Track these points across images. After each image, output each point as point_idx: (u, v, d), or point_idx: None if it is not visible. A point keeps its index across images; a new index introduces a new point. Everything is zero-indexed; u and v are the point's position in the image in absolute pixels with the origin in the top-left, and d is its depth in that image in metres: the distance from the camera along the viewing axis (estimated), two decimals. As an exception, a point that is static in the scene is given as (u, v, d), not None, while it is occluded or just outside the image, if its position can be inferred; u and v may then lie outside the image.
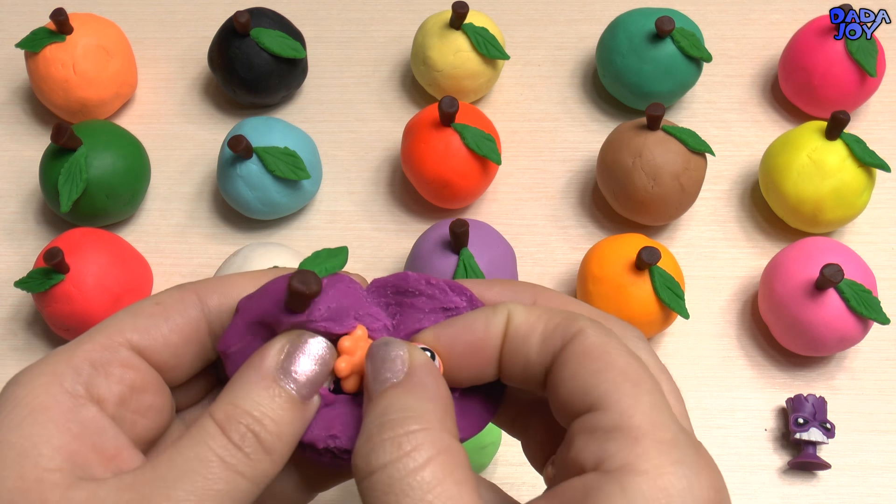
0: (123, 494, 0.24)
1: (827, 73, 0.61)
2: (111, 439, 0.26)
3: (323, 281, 0.29)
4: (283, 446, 0.27)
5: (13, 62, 0.69)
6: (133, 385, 0.28)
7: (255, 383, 0.27)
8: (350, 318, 0.29)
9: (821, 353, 0.55)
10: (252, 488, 0.26)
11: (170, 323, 0.29)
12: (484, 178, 0.59)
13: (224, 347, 0.29)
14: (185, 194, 0.64)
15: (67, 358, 0.27)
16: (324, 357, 0.28)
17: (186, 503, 0.24)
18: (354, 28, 0.70)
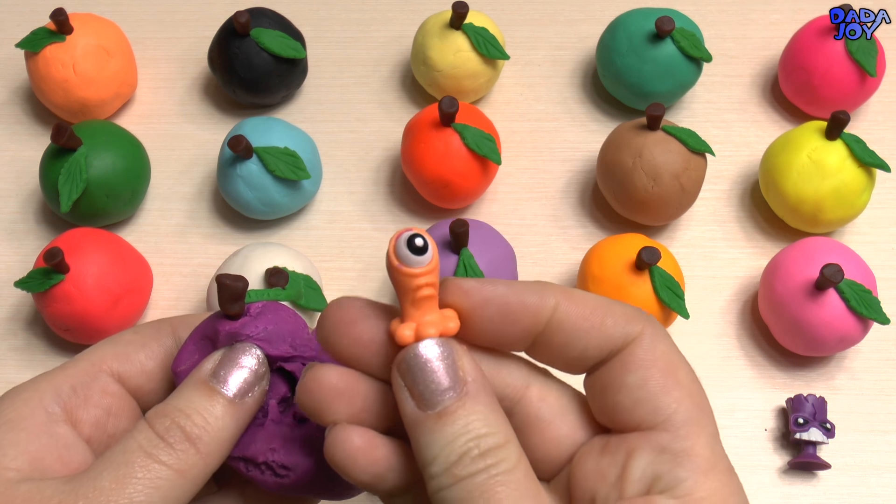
0: (61, 487, 0.26)
1: (827, 73, 0.61)
2: (78, 454, 0.28)
3: (263, 304, 0.30)
4: (212, 440, 0.27)
5: (13, 62, 0.69)
6: (109, 409, 0.30)
7: (188, 386, 0.28)
8: (286, 344, 0.30)
9: (821, 353, 0.55)
10: (178, 480, 0.27)
11: (146, 350, 0.31)
12: (484, 178, 0.59)
13: (175, 367, 0.30)
14: (185, 194, 0.64)
15: (50, 379, 0.29)
16: (255, 363, 0.29)
17: (109, 491, 0.26)
18: (354, 28, 0.70)
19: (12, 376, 0.58)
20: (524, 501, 0.24)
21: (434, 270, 0.26)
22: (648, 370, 0.27)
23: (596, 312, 0.27)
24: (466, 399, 0.25)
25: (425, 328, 0.26)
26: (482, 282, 0.27)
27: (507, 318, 0.27)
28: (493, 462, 0.25)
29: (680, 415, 0.26)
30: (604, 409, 0.28)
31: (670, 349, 0.27)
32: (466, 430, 0.25)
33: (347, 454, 0.27)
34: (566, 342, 0.27)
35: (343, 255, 0.61)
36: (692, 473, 0.25)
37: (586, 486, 0.27)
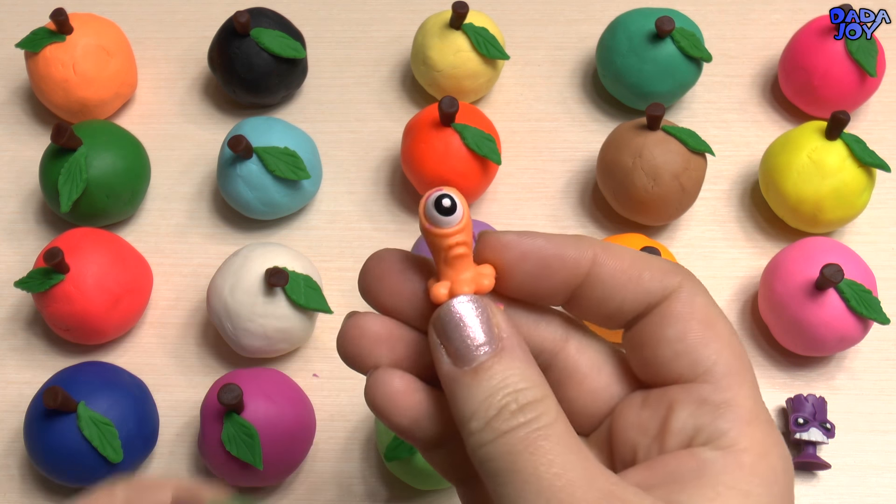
0: None
1: (827, 73, 0.61)
2: None
3: None
4: None
5: (13, 62, 0.69)
6: None
7: None
8: None
9: (821, 353, 0.55)
10: None
11: None
12: (484, 178, 0.59)
13: None
14: (185, 194, 0.64)
15: None
16: None
17: None
18: (354, 28, 0.70)
19: (12, 376, 0.58)
20: (568, 455, 0.24)
21: (465, 229, 0.26)
22: (687, 323, 0.27)
23: (634, 266, 0.27)
24: (503, 354, 0.25)
25: (459, 286, 0.26)
26: (520, 235, 0.27)
27: (546, 272, 0.27)
28: (534, 416, 0.24)
29: (720, 366, 0.26)
30: (643, 364, 0.28)
31: (708, 302, 0.27)
32: (504, 384, 0.25)
33: (388, 396, 0.27)
34: (604, 296, 0.27)
35: (343, 255, 0.61)
36: (735, 424, 0.25)
37: (627, 440, 0.28)
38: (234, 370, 0.53)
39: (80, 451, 0.50)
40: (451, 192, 0.26)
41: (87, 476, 0.51)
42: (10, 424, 0.56)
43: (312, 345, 0.58)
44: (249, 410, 0.49)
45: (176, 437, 0.56)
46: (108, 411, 0.50)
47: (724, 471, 0.24)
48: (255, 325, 0.53)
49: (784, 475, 0.25)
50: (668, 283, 0.27)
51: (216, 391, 0.50)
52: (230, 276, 0.54)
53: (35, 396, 0.52)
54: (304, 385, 0.56)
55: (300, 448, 0.52)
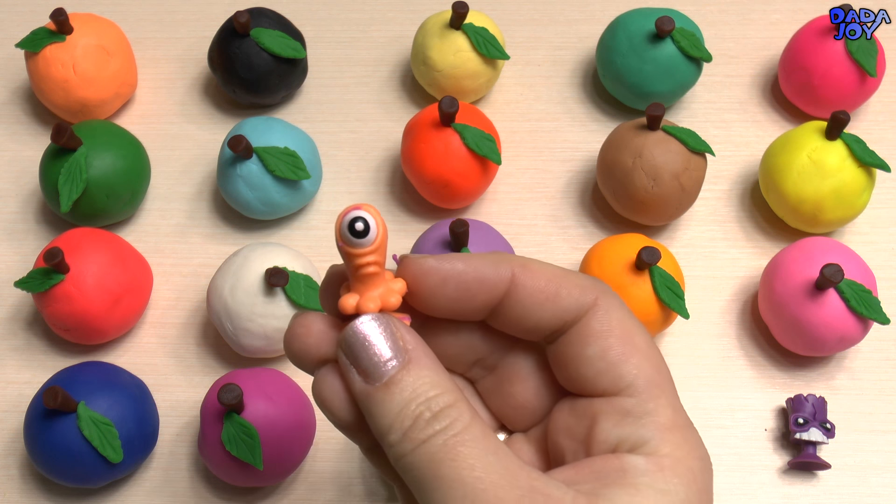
0: None
1: (827, 73, 0.61)
2: None
3: None
4: None
5: (13, 62, 0.69)
6: None
7: None
8: None
9: (821, 353, 0.55)
10: None
11: None
12: (484, 178, 0.59)
13: None
14: (185, 194, 0.64)
15: None
16: None
17: None
18: (354, 28, 0.70)
19: (12, 376, 0.58)
20: (487, 457, 0.25)
21: (378, 250, 0.27)
22: (606, 340, 0.28)
23: (550, 284, 0.28)
24: (410, 365, 0.26)
25: (366, 302, 0.27)
26: (440, 259, 0.28)
27: (466, 294, 0.28)
28: (448, 423, 0.25)
29: (641, 380, 0.27)
30: (567, 380, 0.29)
31: (625, 315, 0.28)
32: (415, 394, 0.26)
33: (332, 394, 0.27)
34: (522, 314, 0.28)
35: (343, 255, 0.61)
36: (656, 432, 0.27)
37: (557, 442, 0.29)
38: (234, 370, 0.53)
39: (80, 451, 0.50)
40: (366, 213, 0.26)
41: (87, 476, 0.51)
42: (10, 424, 0.56)
43: (312, 345, 0.58)
44: (249, 410, 0.49)
45: (176, 437, 0.56)
46: (108, 411, 0.50)
47: (646, 472, 0.26)
48: (255, 325, 0.53)
49: (702, 474, 0.27)
50: (583, 300, 0.28)
51: (216, 391, 0.50)
52: (230, 276, 0.54)
53: (35, 396, 0.52)
54: (304, 385, 0.56)
55: (300, 448, 0.52)
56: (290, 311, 0.53)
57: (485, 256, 0.28)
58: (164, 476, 0.55)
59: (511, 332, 0.30)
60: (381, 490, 0.54)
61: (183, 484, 0.55)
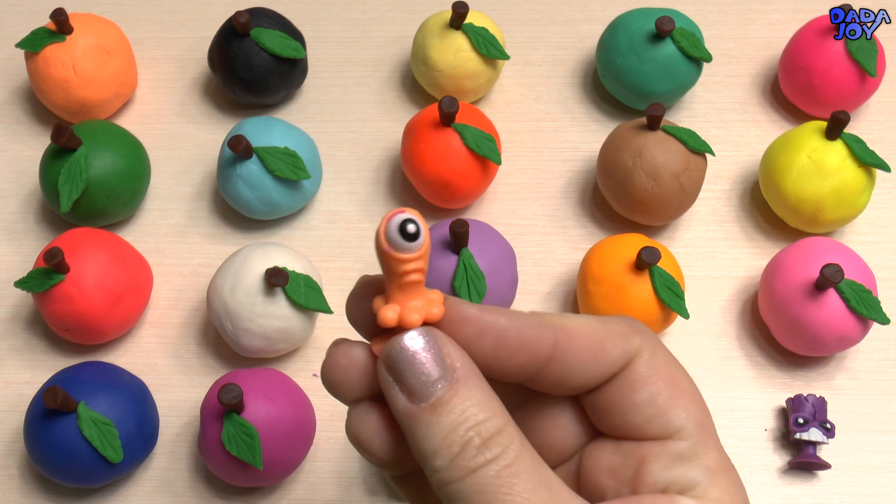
0: None
1: (827, 73, 0.61)
2: None
3: None
4: None
5: (13, 62, 0.69)
6: None
7: None
8: None
9: (821, 353, 0.55)
10: None
11: None
12: (484, 178, 0.59)
13: None
14: (185, 194, 0.64)
15: None
16: None
17: None
18: (354, 28, 0.70)
19: (12, 376, 0.58)
20: (541, 491, 0.24)
21: (424, 256, 0.25)
22: (654, 385, 0.27)
23: (594, 341, 0.27)
24: (459, 386, 0.25)
25: (409, 313, 0.25)
26: (482, 310, 0.26)
27: (504, 352, 0.26)
28: (500, 451, 0.24)
29: (691, 423, 0.27)
30: (613, 426, 0.28)
31: (668, 358, 0.28)
32: (464, 417, 0.24)
33: (370, 432, 0.26)
34: (568, 374, 0.27)
35: (343, 255, 0.61)
36: (706, 476, 0.27)
37: (598, 480, 0.28)
38: (234, 370, 0.53)
39: (80, 451, 0.50)
40: (415, 216, 0.25)
41: (87, 476, 0.51)
42: (10, 424, 0.56)
43: (312, 345, 0.58)
44: (249, 410, 0.49)
45: (176, 437, 0.56)
46: (108, 411, 0.50)
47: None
48: (255, 325, 0.53)
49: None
50: (629, 348, 0.27)
51: (216, 391, 0.50)
52: (230, 276, 0.54)
53: (35, 396, 0.52)
54: (304, 385, 0.56)
55: (300, 448, 0.52)
56: (290, 312, 0.53)
57: (527, 315, 0.27)
58: (164, 476, 0.55)
59: (555, 392, 0.28)
60: (382, 490, 0.54)
61: (183, 484, 0.55)
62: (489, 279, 0.54)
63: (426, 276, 0.26)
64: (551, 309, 0.60)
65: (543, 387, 0.28)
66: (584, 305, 0.56)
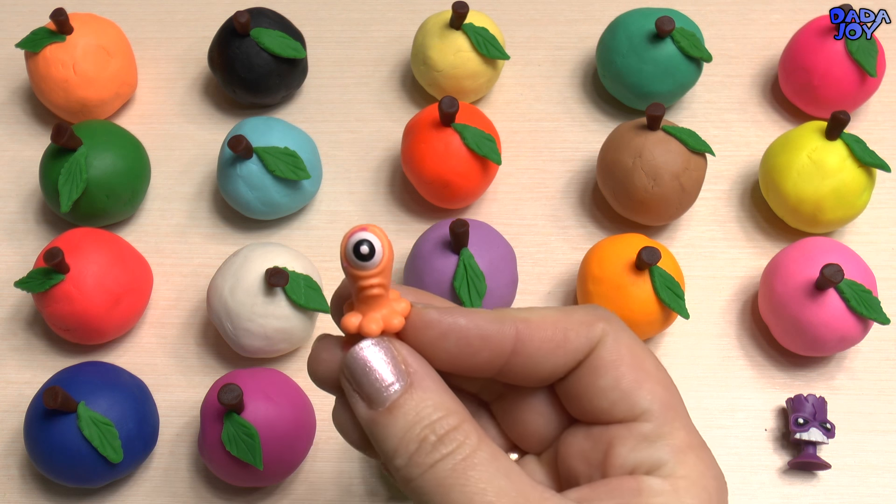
0: None
1: (827, 73, 0.61)
2: None
3: None
4: None
5: (13, 62, 0.69)
6: None
7: None
8: None
9: (821, 353, 0.55)
10: None
11: None
12: (484, 178, 0.59)
13: None
14: (185, 194, 0.64)
15: None
16: None
17: None
18: (354, 28, 0.70)
19: (12, 376, 0.58)
20: (498, 480, 0.25)
21: (382, 272, 0.26)
22: (618, 369, 0.28)
23: (557, 331, 0.28)
24: (412, 389, 0.26)
25: (368, 323, 0.27)
26: (443, 312, 0.27)
27: (467, 350, 0.27)
28: (455, 446, 0.25)
29: (655, 404, 0.28)
30: (582, 411, 0.29)
31: (632, 342, 0.28)
32: (419, 417, 0.26)
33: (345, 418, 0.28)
34: (534, 366, 0.28)
35: (343, 255, 0.61)
36: (672, 454, 0.27)
37: (571, 465, 0.29)
38: (234, 370, 0.53)
39: (80, 451, 0.50)
40: (371, 235, 0.26)
41: (87, 476, 0.51)
42: (10, 424, 0.56)
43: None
44: (249, 410, 0.49)
45: (176, 437, 0.56)
46: (108, 411, 0.50)
47: (661, 493, 0.26)
48: (255, 325, 0.53)
49: (717, 493, 0.27)
50: (592, 335, 0.28)
51: (216, 391, 0.50)
52: (230, 276, 0.54)
53: (35, 396, 0.52)
54: (304, 385, 0.56)
55: (300, 448, 0.52)
56: (291, 311, 0.53)
57: (488, 313, 0.28)
58: (164, 476, 0.55)
59: (522, 384, 0.29)
60: (382, 490, 0.54)
61: (183, 484, 0.55)
62: (489, 279, 0.54)
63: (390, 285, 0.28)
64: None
65: (512, 379, 0.29)
66: (584, 305, 0.56)
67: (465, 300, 0.52)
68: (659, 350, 0.58)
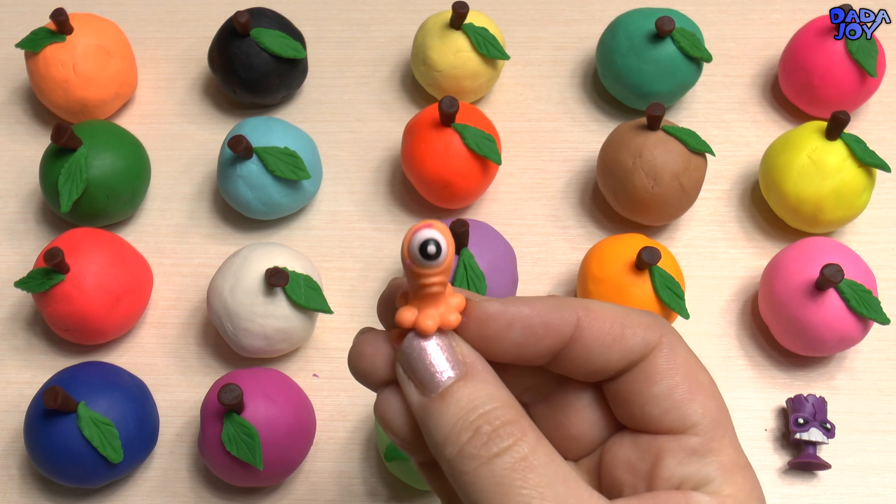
0: None
1: (827, 73, 0.61)
2: None
3: None
4: None
5: (13, 62, 0.69)
6: None
7: None
8: None
9: (821, 353, 0.55)
10: None
11: None
12: (484, 178, 0.59)
13: None
14: (185, 194, 0.64)
15: None
16: None
17: None
18: (354, 28, 0.70)
19: (12, 376, 0.58)
20: (557, 486, 0.24)
21: (445, 271, 0.26)
22: (673, 378, 0.28)
23: (615, 325, 0.28)
24: (467, 378, 0.26)
25: (424, 319, 0.26)
26: (505, 304, 0.27)
27: (532, 339, 0.27)
28: (512, 442, 0.24)
29: (707, 419, 0.27)
30: (631, 417, 0.29)
31: (688, 353, 0.28)
32: (472, 405, 0.25)
33: (393, 412, 0.27)
34: (588, 357, 0.28)
35: (343, 255, 0.61)
36: (720, 472, 0.27)
37: (615, 475, 0.28)
38: (234, 370, 0.53)
39: (80, 451, 0.50)
40: (438, 234, 0.26)
41: (87, 476, 0.51)
42: (10, 424, 0.56)
43: (312, 345, 0.58)
44: (249, 410, 0.49)
45: (176, 437, 0.56)
46: (108, 411, 0.50)
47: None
48: (255, 325, 0.53)
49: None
50: (649, 338, 0.28)
51: (216, 391, 0.50)
52: (230, 276, 0.54)
53: (35, 396, 0.52)
54: (304, 385, 0.56)
55: (300, 448, 0.52)
56: (290, 312, 0.53)
57: (547, 300, 0.28)
58: (164, 476, 0.55)
59: (575, 375, 0.29)
60: (382, 490, 0.54)
61: (183, 484, 0.55)
62: (489, 279, 0.54)
63: None
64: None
65: (566, 369, 0.28)
66: (584, 305, 0.56)
67: (465, 300, 0.52)
68: (659, 350, 0.58)
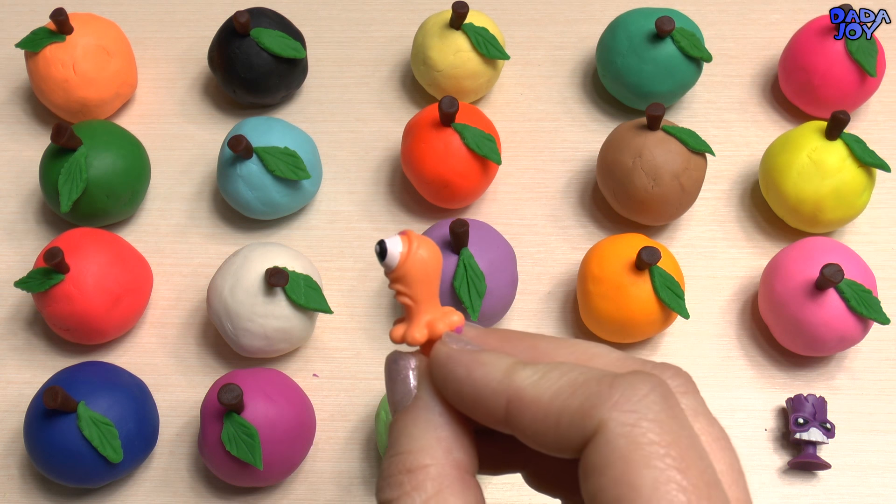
0: None
1: (827, 73, 0.61)
2: None
3: None
4: None
5: (13, 62, 0.69)
6: None
7: None
8: None
9: (821, 353, 0.55)
10: None
11: None
12: (484, 178, 0.59)
13: None
14: (185, 194, 0.64)
15: None
16: None
17: None
18: (354, 28, 0.70)
19: (12, 376, 0.58)
20: None
21: (400, 279, 0.26)
22: (599, 479, 0.22)
23: (549, 413, 0.24)
24: (404, 411, 0.26)
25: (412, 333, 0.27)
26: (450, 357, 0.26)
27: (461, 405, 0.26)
28: (398, 496, 0.25)
29: None
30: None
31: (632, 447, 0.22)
32: (392, 442, 0.26)
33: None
34: (531, 440, 0.25)
35: (343, 255, 0.61)
36: None
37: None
38: (234, 370, 0.53)
39: (80, 451, 0.50)
40: (393, 238, 0.26)
41: (87, 476, 0.51)
42: (10, 424, 0.56)
43: (312, 345, 0.58)
44: (249, 410, 0.49)
45: (176, 437, 0.56)
46: (108, 411, 0.50)
47: None
48: (255, 325, 0.53)
49: None
50: (585, 428, 0.23)
51: (216, 391, 0.50)
52: (230, 276, 0.54)
53: (35, 396, 0.52)
54: (304, 385, 0.56)
55: (300, 448, 0.52)
56: (290, 312, 0.53)
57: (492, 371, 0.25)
58: (164, 476, 0.55)
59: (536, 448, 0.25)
60: (381, 490, 0.54)
61: (183, 484, 0.55)
62: (489, 279, 0.54)
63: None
64: (551, 309, 0.60)
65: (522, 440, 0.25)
66: (584, 305, 0.56)
67: (465, 300, 0.52)
68: (659, 350, 0.58)
